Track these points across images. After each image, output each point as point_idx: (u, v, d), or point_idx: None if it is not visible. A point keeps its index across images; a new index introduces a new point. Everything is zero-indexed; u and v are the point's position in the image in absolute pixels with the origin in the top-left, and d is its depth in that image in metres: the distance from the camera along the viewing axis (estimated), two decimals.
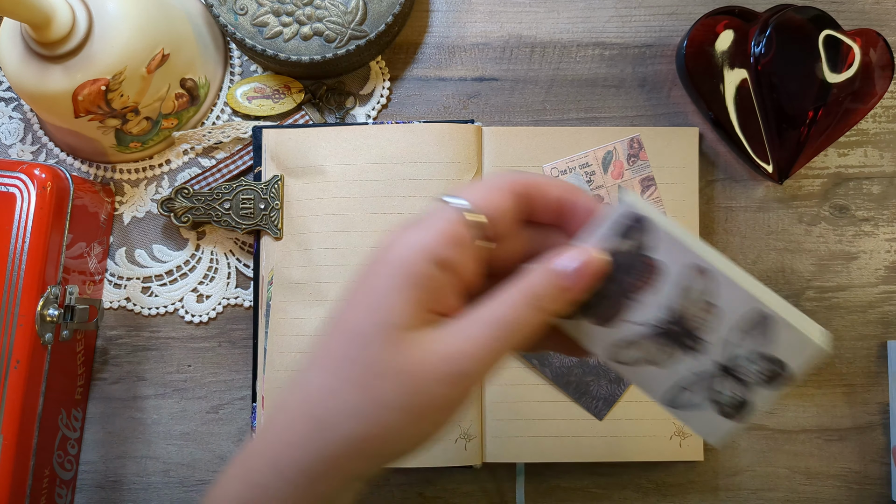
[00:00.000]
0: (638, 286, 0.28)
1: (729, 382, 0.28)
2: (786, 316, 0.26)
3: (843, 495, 0.47)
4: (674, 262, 0.27)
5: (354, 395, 0.25)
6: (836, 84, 0.46)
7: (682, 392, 0.28)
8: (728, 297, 0.27)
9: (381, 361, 0.25)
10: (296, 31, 0.46)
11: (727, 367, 0.27)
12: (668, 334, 0.28)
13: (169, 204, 0.47)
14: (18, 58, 0.42)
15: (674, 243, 0.27)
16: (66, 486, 0.46)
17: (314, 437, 0.25)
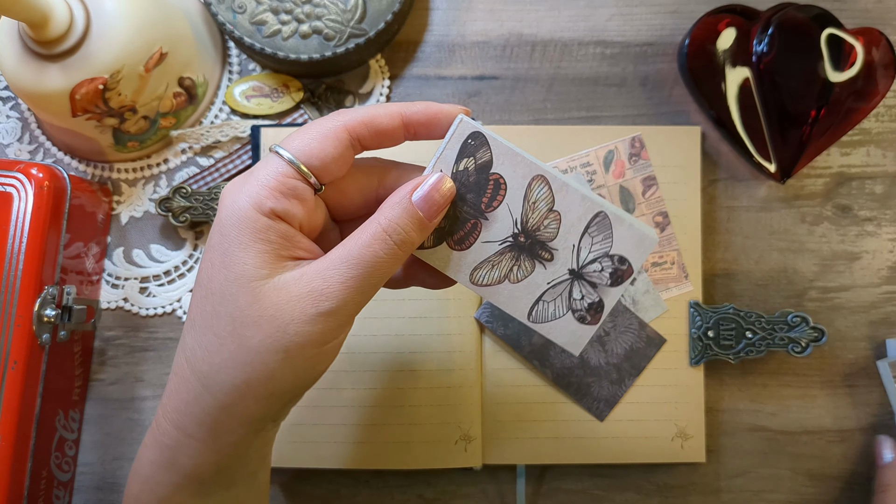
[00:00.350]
0: (486, 203, 0.29)
1: (582, 287, 0.29)
2: (620, 214, 0.28)
3: (845, 497, 0.47)
4: (514, 174, 0.28)
5: (228, 347, 0.27)
6: (838, 83, 0.46)
7: (542, 304, 0.29)
8: (568, 201, 0.28)
9: (244, 312, 0.26)
10: (294, 30, 0.46)
11: (578, 272, 0.29)
12: (520, 247, 0.29)
13: (167, 203, 0.46)
14: (16, 56, 0.42)
15: (511, 155, 0.28)
16: (63, 487, 0.45)
17: (204, 393, 0.27)
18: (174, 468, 0.29)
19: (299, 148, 0.27)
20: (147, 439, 0.30)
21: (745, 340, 0.45)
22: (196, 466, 0.29)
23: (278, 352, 0.26)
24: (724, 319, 0.45)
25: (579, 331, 0.30)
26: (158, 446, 0.29)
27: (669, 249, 0.46)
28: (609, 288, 0.29)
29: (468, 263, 0.29)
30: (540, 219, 0.29)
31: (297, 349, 0.27)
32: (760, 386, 0.48)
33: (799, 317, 0.45)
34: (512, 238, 0.29)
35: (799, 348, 0.45)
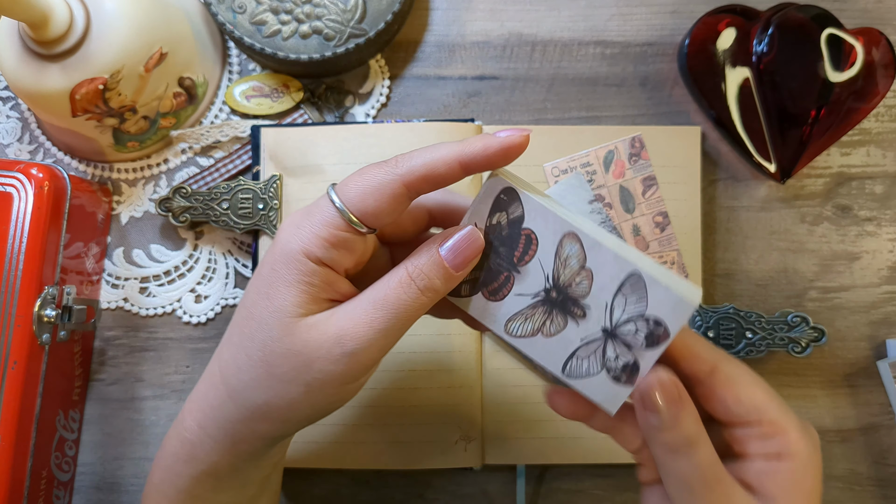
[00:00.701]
0: (518, 257, 0.29)
1: (616, 346, 0.28)
2: (656, 275, 0.27)
3: (845, 497, 0.47)
4: (546, 230, 0.28)
5: (257, 370, 0.28)
6: (838, 83, 0.46)
7: (576, 360, 0.29)
8: (600, 260, 0.28)
9: (276, 343, 0.28)
10: (294, 30, 0.46)
11: (612, 332, 0.28)
12: (552, 302, 0.29)
13: (167, 203, 0.46)
14: (16, 57, 0.42)
15: (543, 211, 0.28)
16: (63, 487, 0.45)
17: (229, 402, 0.29)
18: (193, 462, 0.31)
19: (354, 200, 0.28)
20: (171, 431, 0.32)
21: (745, 340, 0.45)
22: (213, 464, 0.31)
23: (300, 384, 0.28)
24: (724, 319, 0.45)
25: (614, 390, 0.28)
26: (181, 440, 0.31)
27: (669, 249, 0.46)
28: (644, 350, 0.28)
29: (503, 314, 0.30)
30: (572, 276, 0.28)
31: (318, 385, 0.28)
32: None
33: (799, 317, 0.45)
34: (544, 293, 0.29)
35: (799, 348, 0.45)
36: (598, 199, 0.46)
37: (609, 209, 0.46)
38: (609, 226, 0.46)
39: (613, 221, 0.46)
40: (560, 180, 0.47)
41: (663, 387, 0.26)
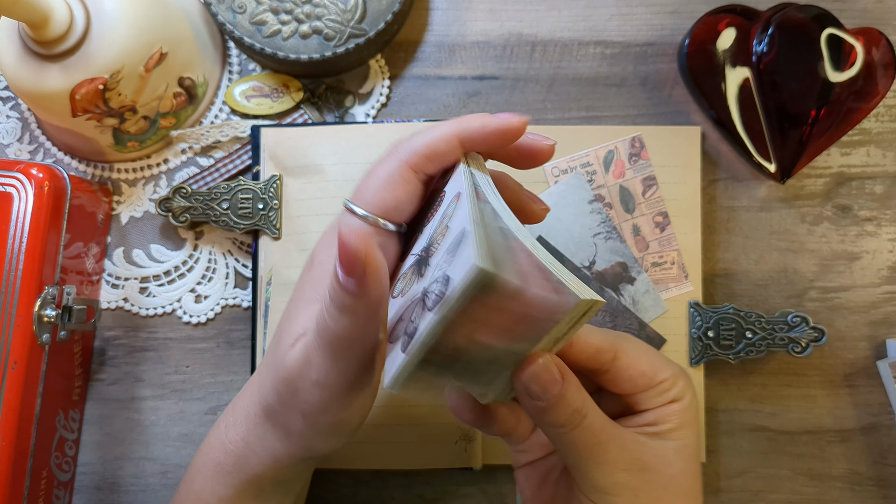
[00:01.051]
0: (427, 221, 0.28)
1: (416, 309, 0.24)
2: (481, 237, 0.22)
3: (846, 497, 0.47)
4: (450, 191, 0.27)
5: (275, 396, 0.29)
6: (838, 83, 0.46)
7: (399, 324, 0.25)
8: (457, 219, 0.24)
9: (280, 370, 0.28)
10: (294, 30, 0.46)
11: (426, 290, 0.24)
12: (419, 261, 0.26)
13: (167, 203, 0.46)
14: (16, 56, 0.42)
15: (458, 175, 0.27)
16: (63, 487, 0.45)
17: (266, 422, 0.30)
18: (238, 472, 0.31)
19: (372, 201, 0.28)
20: (212, 441, 0.32)
21: (745, 340, 0.45)
22: (257, 476, 0.31)
23: (297, 414, 0.29)
24: (723, 319, 0.45)
25: (398, 359, 0.24)
26: (224, 451, 0.31)
27: (669, 249, 0.46)
28: (425, 312, 0.23)
29: (398, 278, 0.27)
30: (438, 234, 0.26)
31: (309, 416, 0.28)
32: (760, 386, 0.48)
33: (799, 317, 0.45)
34: (422, 252, 0.26)
35: (799, 348, 0.45)
36: (598, 199, 0.46)
37: (609, 209, 0.46)
38: (609, 226, 0.46)
39: (613, 221, 0.46)
40: (560, 180, 0.47)
41: (543, 371, 0.26)
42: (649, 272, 0.46)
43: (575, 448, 0.27)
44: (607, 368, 0.30)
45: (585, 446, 0.27)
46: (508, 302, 0.22)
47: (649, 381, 0.30)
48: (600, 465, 0.27)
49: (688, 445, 0.30)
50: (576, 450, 0.27)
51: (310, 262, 0.30)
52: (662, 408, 0.30)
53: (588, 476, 0.27)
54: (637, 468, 0.28)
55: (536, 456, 0.33)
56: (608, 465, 0.27)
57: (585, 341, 0.29)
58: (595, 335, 0.29)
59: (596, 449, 0.27)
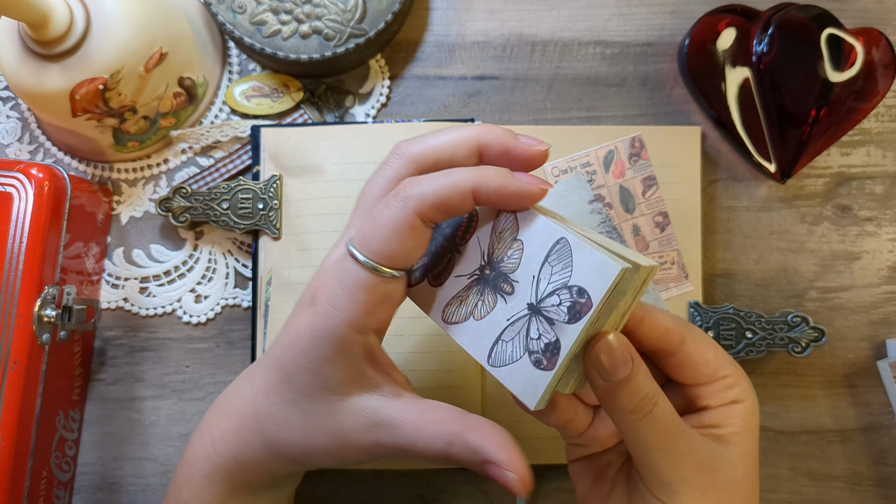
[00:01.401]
0: (460, 236, 0.27)
1: (539, 324, 0.25)
2: (585, 242, 0.24)
3: (845, 497, 0.47)
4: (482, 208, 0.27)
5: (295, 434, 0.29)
6: (838, 83, 0.46)
7: (501, 345, 0.26)
8: (532, 230, 0.25)
9: (318, 415, 0.29)
10: (294, 30, 0.46)
11: (536, 307, 0.25)
12: (485, 281, 0.26)
13: (167, 203, 0.46)
14: (16, 56, 0.42)
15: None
16: (63, 487, 0.45)
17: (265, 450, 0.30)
18: (229, 483, 0.32)
19: (378, 250, 0.27)
20: (199, 452, 0.32)
21: (745, 340, 0.45)
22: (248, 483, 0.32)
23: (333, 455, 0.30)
24: (724, 319, 0.45)
25: (535, 377, 0.25)
26: (214, 465, 0.31)
27: (669, 249, 0.46)
28: (566, 325, 0.24)
29: (441, 300, 0.27)
30: (504, 249, 0.26)
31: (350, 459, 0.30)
32: (760, 386, 0.48)
33: (799, 317, 0.45)
34: (479, 271, 0.26)
35: (799, 348, 0.45)
36: (598, 199, 0.46)
37: (609, 209, 0.46)
38: (609, 225, 0.46)
39: (613, 221, 0.46)
40: (560, 180, 0.47)
41: (613, 350, 0.25)
42: None
43: (645, 438, 0.27)
44: (675, 350, 0.29)
45: (657, 436, 0.26)
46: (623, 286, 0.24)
47: (714, 371, 0.29)
48: (670, 458, 0.27)
49: (750, 451, 0.29)
50: (646, 440, 0.27)
51: (315, 317, 0.28)
52: (725, 408, 0.29)
53: (656, 469, 0.27)
54: (706, 466, 0.27)
55: (592, 451, 0.32)
56: (678, 460, 0.27)
57: (656, 319, 0.29)
58: (665, 316, 0.29)
59: (667, 440, 0.27)
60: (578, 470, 0.33)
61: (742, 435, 0.29)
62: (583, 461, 0.32)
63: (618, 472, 0.31)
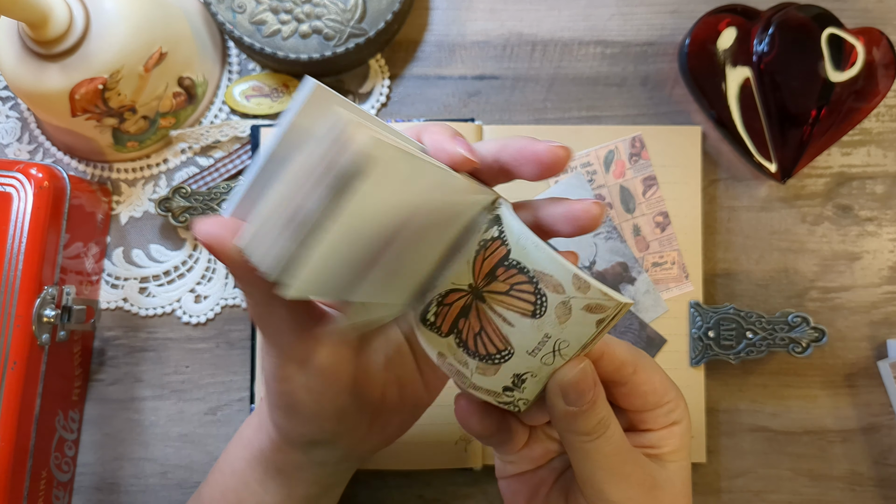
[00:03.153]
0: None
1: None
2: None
3: (846, 497, 0.47)
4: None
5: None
6: (839, 83, 0.45)
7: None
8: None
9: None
10: (294, 30, 0.46)
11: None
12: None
13: (166, 203, 0.46)
14: (15, 56, 0.42)
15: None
16: (63, 488, 0.45)
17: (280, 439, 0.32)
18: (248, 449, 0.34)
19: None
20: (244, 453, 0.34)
21: (745, 341, 0.45)
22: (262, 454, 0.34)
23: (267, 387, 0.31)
24: (724, 320, 0.45)
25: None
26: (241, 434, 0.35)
27: (670, 249, 0.46)
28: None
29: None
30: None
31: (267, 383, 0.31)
32: (761, 386, 0.48)
33: (799, 317, 0.45)
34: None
35: (800, 348, 0.45)
36: (599, 199, 0.46)
37: (609, 209, 0.46)
38: (609, 226, 0.46)
39: (614, 221, 0.46)
40: (560, 180, 0.47)
41: (585, 377, 0.26)
42: (650, 272, 0.46)
43: (595, 458, 0.27)
44: (626, 381, 0.30)
45: (606, 457, 0.27)
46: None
47: (659, 399, 0.30)
48: (617, 477, 0.28)
49: (685, 467, 0.31)
50: (595, 460, 0.27)
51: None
52: (665, 430, 0.30)
53: (602, 488, 0.28)
54: (648, 484, 0.28)
55: (526, 468, 0.33)
56: (624, 479, 0.28)
57: (613, 353, 0.29)
58: (621, 347, 0.30)
59: (615, 460, 0.28)
60: (512, 488, 0.33)
61: (680, 453, 0.30)
62: (515, 478, 0.33)
63: (550, 489, 0.32)
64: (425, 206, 0.24)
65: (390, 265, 0.24)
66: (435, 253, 0.27)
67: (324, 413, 0.30)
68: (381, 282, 0.25)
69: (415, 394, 0.34)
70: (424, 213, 0.24)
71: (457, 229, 0.27)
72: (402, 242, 0.24)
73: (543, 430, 0.33)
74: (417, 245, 0.25)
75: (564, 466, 0.33)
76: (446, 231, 0.26)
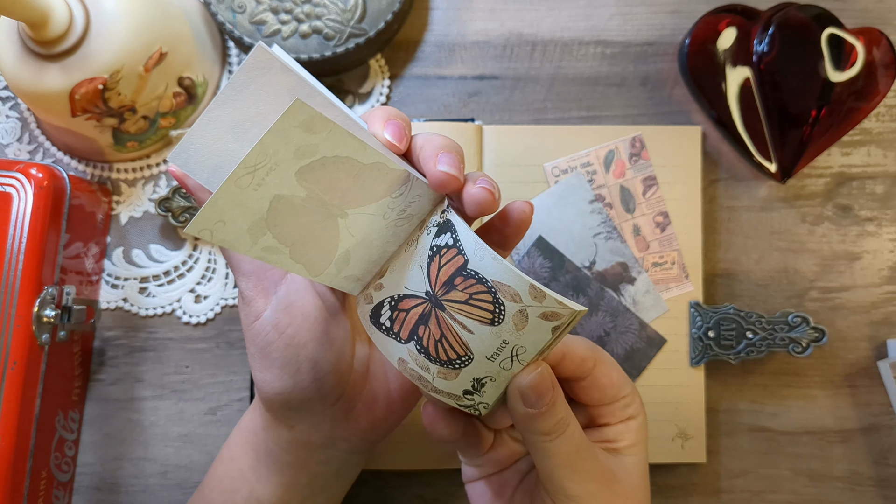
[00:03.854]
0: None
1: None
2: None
3: (846, 497, 0.47)
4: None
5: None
6: (839, 83, 0.45)
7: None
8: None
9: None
10: (294, 30, 0.46)
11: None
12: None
13: (166, 203, 0.46)
14: (15, 56, 0.42)
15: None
16: (63, 488, 0.45)
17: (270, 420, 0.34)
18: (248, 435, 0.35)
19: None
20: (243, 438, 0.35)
21: (745, 341, 0.45)
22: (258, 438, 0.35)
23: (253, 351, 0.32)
24: (724, 320, 0.45)
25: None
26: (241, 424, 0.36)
27: (670, 249, 0.46)
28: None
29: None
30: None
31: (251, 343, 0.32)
32: (761, 386, 0.48)
33: (800, 317, 0.45)
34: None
35: (800, 348, 0.45)
36: (599, 199, 0.46)
37: (609, 209, 0.46)
38: (609, 225, 0.46)
39: (614, 221, 0.46)
40: (560, 180, 0.47)
41: (543, 380, 0.27)
42: (650, 272, 0.46)
43: (554, 456, 0.28)
44: (587, 376, 0.31)
45: (565, 455, 0.28)
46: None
47: (616, 393, 0.31)
48: (577, 473, 0.29)
49: (643, 461, 0.32)
50: (555, 458, 0.28)
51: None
52: (622, 424, 0.32)
53: (562, 485, 0.29)
54: (607, 478, 0.29)
55: (491, 471, 0.34)
56: (583, 475, 0.29)
57: (574, 351, 0.30)
58: (580, 344, 0.31)
59: (574, 458, 0.28)
60: (477, 491, 0.34)
61: (637, 447, 0.31)
62: (480, 482, 0.34)
63: (515, 489, 0.33)
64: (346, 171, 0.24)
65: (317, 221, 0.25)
66: (376, 236, 0.27)
67: (295, 360, 0.30)
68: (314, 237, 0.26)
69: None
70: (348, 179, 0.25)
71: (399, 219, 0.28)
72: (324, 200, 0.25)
73: (507, 432, 0.34)
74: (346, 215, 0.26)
75: (528, 467, 0.34)
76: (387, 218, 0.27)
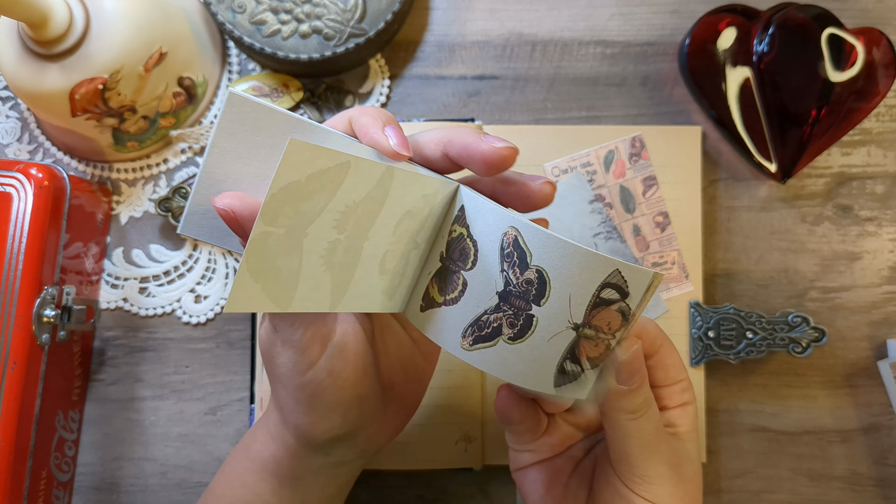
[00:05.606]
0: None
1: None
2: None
3: (846, 497, 0.47)
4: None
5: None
6: (839, 83, 0.45)
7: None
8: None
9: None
10: (294, 29, 0.46)
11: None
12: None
13: (166, 203, 0.46)
14: (15, 56, 0.42)
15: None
16: (63, 488, 0.45)
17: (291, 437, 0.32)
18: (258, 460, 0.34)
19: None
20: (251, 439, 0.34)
21: (745, 341, 0.45)
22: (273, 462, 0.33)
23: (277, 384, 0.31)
24: (724, 320, 0.45)
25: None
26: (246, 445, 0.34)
27: (670, 249, 0.46)
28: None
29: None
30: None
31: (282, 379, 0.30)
32: (761, 386, 0.48)
33: (800, 317, 0.45)
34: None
35: (800, 349, 0.45)
36: (599, 199, 0.46)
37: (609, 209, 0.46)
38: (609, 225, 0.46)
39: (614, 221, 0.46)
40: (560, 180, 0.47)
41: (637, 357, 0.28)
42: None
43: (636, 435, 0.29)
44: (654, 354, 0.31)
45: (646, 434, 0.29)
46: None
47: (677, 374, 0.32)
48: (654, 455, 0.29)
49: (697, 448, 0.32)
50: (636, 437, 0.29)
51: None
52: (679, 409, 0.32)
53: (638, 464, 0.29)
54: (675, 461, 0.30)
55: (544, 456, 0.34)
56: (658, 456, 0.29)
57: (646, 328, 0.31)
58: (650, 323, 0.31)
59: (653, 438, 0.29)
60: (530, 477, 0.34)
61: (693, 434, 0.32)
62: (532, 468, 0.34)
63: (570, 476, 0.33)
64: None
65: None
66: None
67: (346, 400, 0.29)
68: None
69: (416, 368, 0.34)
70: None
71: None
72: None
73: (562, 416, 0.34)
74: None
75: (582, 454, 0.34)
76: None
